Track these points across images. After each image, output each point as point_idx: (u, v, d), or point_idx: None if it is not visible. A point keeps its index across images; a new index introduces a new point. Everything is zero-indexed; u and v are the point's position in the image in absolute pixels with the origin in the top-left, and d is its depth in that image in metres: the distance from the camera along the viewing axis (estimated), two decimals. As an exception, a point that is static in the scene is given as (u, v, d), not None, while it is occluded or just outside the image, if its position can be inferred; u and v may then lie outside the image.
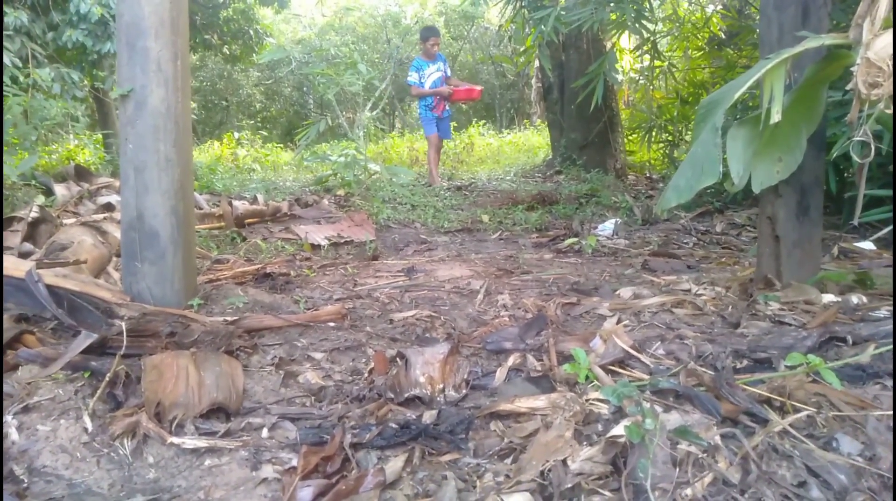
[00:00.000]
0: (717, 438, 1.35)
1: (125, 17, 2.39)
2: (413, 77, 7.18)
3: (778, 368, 1.69)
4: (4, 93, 5.23)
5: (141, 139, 2.41)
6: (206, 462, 1.44)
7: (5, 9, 5.92)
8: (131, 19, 2.37)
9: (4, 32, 5.82)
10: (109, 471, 1.39)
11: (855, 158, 2.02)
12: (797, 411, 1.47)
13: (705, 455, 1.29)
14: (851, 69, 1.96)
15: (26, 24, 6.00)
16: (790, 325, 2.14)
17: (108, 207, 4.30)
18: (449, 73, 7.41)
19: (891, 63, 1.86)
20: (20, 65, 5.77)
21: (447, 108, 7.33)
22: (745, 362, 1.82)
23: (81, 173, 5.25)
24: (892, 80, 1.81)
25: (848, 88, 1.95)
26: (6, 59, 5.47)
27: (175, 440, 1.47)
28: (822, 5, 2.49)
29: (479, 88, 7.48)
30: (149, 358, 1.77)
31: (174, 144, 2.45)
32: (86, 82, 7.06)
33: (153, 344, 1.97)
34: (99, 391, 1.61)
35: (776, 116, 2.11)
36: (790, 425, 1.39)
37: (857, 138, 1.96)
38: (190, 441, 1.48)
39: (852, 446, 1.32)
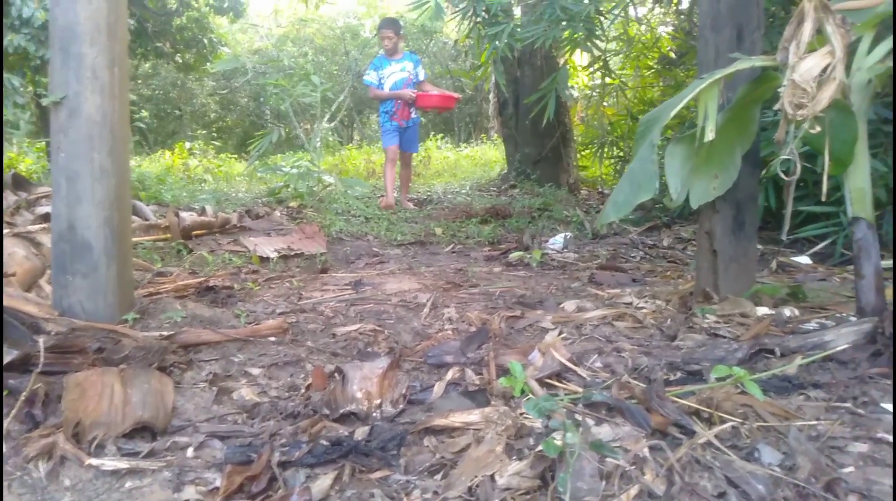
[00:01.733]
0: (646, 450, 1.37)
1: (59, 21, 2.32)
2: (370, 76, 6.30)
3: (708, 380, 1.73)
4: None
5: (74, 148, 2.34)
6: (126, 484, 1.38)
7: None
8: (65, 23, 2.30)
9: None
10: (21, 496, 1.33)
11: (782, 175, 2.10)
12: (724, 422, 1.50)
13: (633, 467, 1.30)
14: (779, 90, 2.03)
15: (-36, 28, 5.79)
16: (724, 337, 2.19)
17: (47, 217, 4.14)
18: (422, 76, 6.50)
19: (815, 85, 1.94)
20: (-43, 69, 5.55)
21: (414, 115, 6.42)
22: (679, 374, 1.86)
23: (19, 182, 5.04)
24: (815, 101, 1.88)
25: (775, 108, 2.03)
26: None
27: (94, 461, 1.41)
28: (756, 28, 2.59)
29: (455, 95, 6.66)
30: (72, 376, 1.70)
31: (109, 153, 2.38)
32: (29, 88, 6.84)
33: (79, 361, 1.89)
34: (14, 411, 1.54)
35: (710, 135, 2.17)
36: (715, 436, 1.42)
37: (784, 156, 2.03)
38: (110, 463, 1.42)
39: (773, 456, 1.35)
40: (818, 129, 1.95)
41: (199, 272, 3.53)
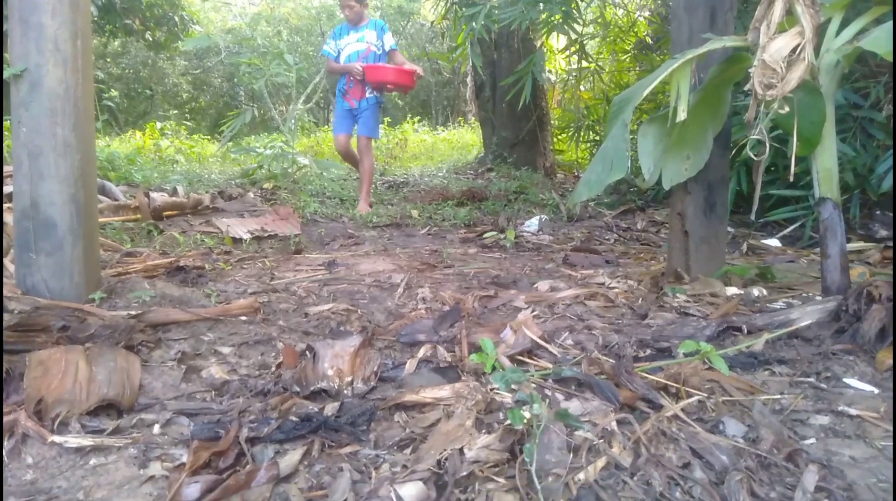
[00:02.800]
0: (614, 424, 1.39)
1: (18, -9, 2.23)
2: (327, 46, 5.41)
3: (676, 356, 1.75)
4: None
5: (36, 123, 2.27)
6: (91, 462, 1.36)
7: None
8: (25, -7, 2.22)
9: None
10: (-20, 473, 1.30)
11: (751, 155, 2.12)
12: (690, 396, 1.52)
13: (601, 440, 1.32)
14: (750, 70, 2.05)
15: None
16: (693, 316, 2.22)
17: (9, 197, 4.03)
18: (389, 45, 5.36)
19: (784, 66, 1.95)
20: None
21: (370, 94, 5.31)
22: (648, 351, 1.88)
23: (-19, 161, 4.90)
24: (784, 81, 1.90)
25: (746, 88, 2.04)
26: None
27: (57, 438, 1.38)
28: (729, 9, 2.60)
29: (414, 70, 5.18)
30: (35, 353, 1.66)
31: (73, 128, 2.31)
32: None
33: (43, 339, 1.85)
34: (-26, 389, 1.50)
35: (682, 115, 2.18)
36: (682, 410, 1.44)
37: (753, 137, 2.05)
38: (73, 440, 1.39)
39: (737, 428, 1.37)
40: (787, 109, 1.97)
41: (170, 253, 3.47)
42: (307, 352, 1.91)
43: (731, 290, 2.55)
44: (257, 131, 10.35)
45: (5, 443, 1.39)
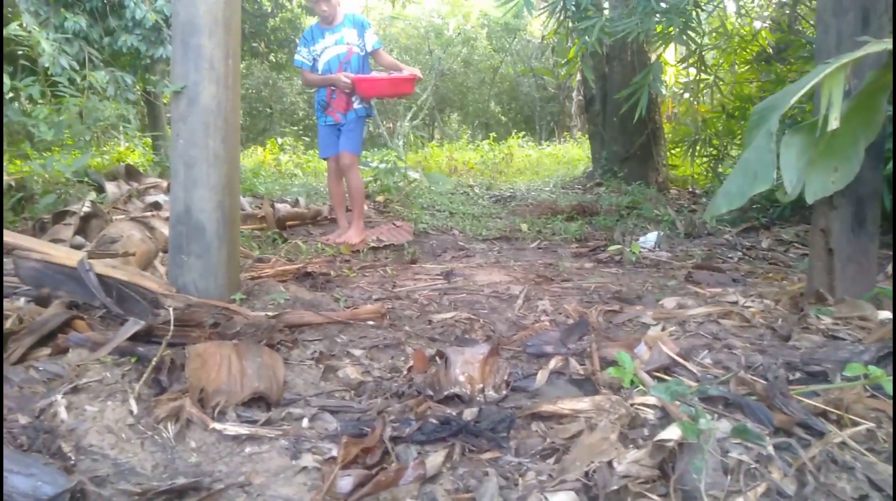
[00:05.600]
0: (770, 448, 1.30)
1: (181, 16, 2.45)
2: (299, 55, 4.39)
3: (833, 381, 1.62)
4: (63, 94, 5.43)
5: (191, 135, 2.47)
6: (246, 449, 1.44)
7: (65, 14, 6.17)
8: (187, 18, 2.43)
9: (64, 36, 6.05)
10: (153, 453, 1.41)
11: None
12: (855, 424, 1.40)
13: (758, 464, 1.24)
14: (917, 74, 1.88)
15: (84, 29, 6.24)
16: (844, 340, 2.06)
17: (156, 205, 4.41)
18: (372, 45, 4.38)
19: (960, 68, 1.78)
20: (77, 68, 5.98)
21: (358, 106, 4.35)
22: (798, 374, 1.75)
23: (131, 173, 5.40)
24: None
25: (913, 93, 1.88)
26: (65, 63, 5.67)
27: (217, 425, 1.48)
28: (884, 11, 2.41)
29: (412, 75, 4.30)
30: (193, 347, 1.79)
31: (223, 140, 2.50)
32: (138, 86, 7.30)
33: (197, 334, 2.00)
34: (145, 376, 1.64)
35: (834, 123, 2.04)
36: (849, 438, 1.33)
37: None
38: (231, 428, 1.48)
39: (916, 462, 1.25)
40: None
41: (295, 260, 3.65)
42: (437, 358, 1.94)
43: (884, 314, 2.34)
44: (366, 147, 10.74)
45: (171, 428, 1.50)
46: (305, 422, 1.54)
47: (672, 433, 1.20)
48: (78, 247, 3.05)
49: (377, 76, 4.39)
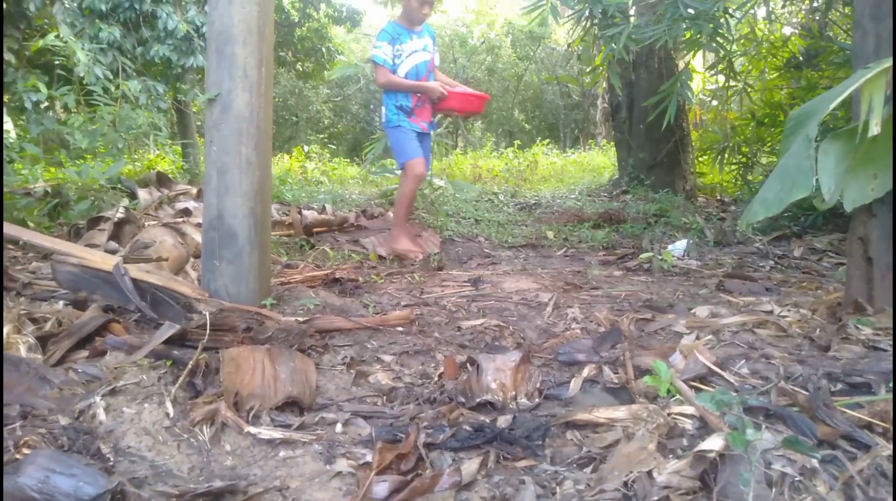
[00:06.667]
0: (814, 461, 1.27)
1: (216, 25, 2.49)
2: (381, 51, 3.96)
3: (878, 393, 1.58)
4: (97, 103, 5.55)
5: (224, 142, 2.50)
6: (280, 454, 1.44)
7: (100, 25, 6.32)
8: (221, 27, 2.47)
9: (99, 46, 6.19)
10: (189, 456, 1.42)
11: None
12: (903, 438, 1.36)
13: (802, 477, 1.21)
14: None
15: (118, 40, 6.39)
16: (886, 351, 2.00)
17: (186, 212, 4.47)
18: (438, 61, 4.36)
19: None
20: (111, 77, 6.12)
21: (434, 119, 4.35)
22: (840, 385, 1.71)
23: (162, 180, 5.49)
24: None
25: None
26: (99, 72, 5.80)
27: (252, 429, 1.49)
28: (925, 16, 2.36)
29: (486, 96, 4.42)
30: (227, 351, 1.80)
31: (255, 147, 2.53)
32: (169, 95, 7.44)
33: (230, 338, 2.01)
34: (181, 379, 1.66)
35: (875, 129, 1.99)
36: (897, 451, 1.29)
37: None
38: (266, 432, 1.49)
39: (970, 477, 1.20)
40: None
41: (323, 266, 3.67)
42: (468, 365, 1.93)
43: (926, 324, 2.27)
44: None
45: (206, 431, 1.51)
46: (339, 427, 1.54)
47: (714, 443, 1.18)
48: (112, 252, 3.10)
49: (469, 92, 4.27)
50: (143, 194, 4.81)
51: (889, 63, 2.02)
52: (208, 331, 1.91)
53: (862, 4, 2.50)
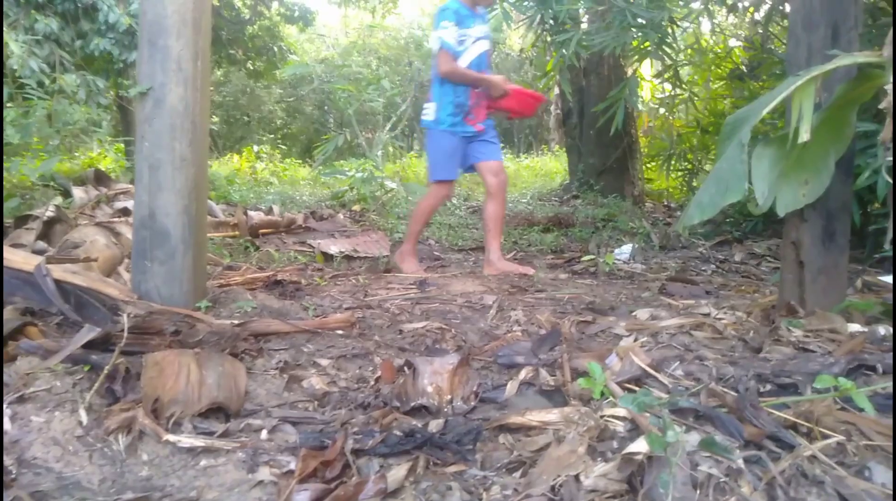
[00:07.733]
0: (740, 461, 1.27)
1: (148, 15, 2.39)
2: (448, 33, 3.38)
3: (804, 394, 1.61)
4: (31, 97, 5.31)
5: (157, 137, 2.40)
6: (201, 462, 1.38)
7: (36, 16, 6.05)
8: (154, 17, 2.38)
9: (34, 38, 5.93)
10: (101, 466, 1.34)
11: (886, 178, 1.95)
12: (825, 437, 1.38)
13: (727, 478, 1.21)
14: (886, 87, 1.90)
15: (56, 32, 6.12)
16: (815, 352, 2.05)
17: (125, 211, 4.30)
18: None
19: (927, 83, 1.80)
20: (48, 71, 5.86)
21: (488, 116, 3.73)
22: (769, 386, 1.73)
23: (101, 178, 5.27)
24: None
25: (881, 106, 1.89)
26: (34, 65, 5.56)
27: (171, 437, 1.42)
28: (853, 27, 2.44)
29: (542, 98, 4.03)
30: (151, 355, 1.72)
31: (190, 143, 2.43)
32: (111, 90, 7.17)
33: (157, 342, 1.93)
34: (96, 385, 1.57)
35: (805, 136, 2.05)
36: (819, 451, 1.31)
37: (889, 158, 1.89)
38: (186, 440, 1.42)
39: (885, 476, 1.23)
40: (930, 129, 1.81)
41: (266, 268, 3.58)
42: (405, 368, 1.89)
43: (854, 327, 2.34)
44: (345, 157, 10.68)
45: (122, 439, 1.43)
46: (264, 434, 1.48)
47: (640, 446, 1.17)
48: (40, 252, 2.95)
49: (528, 91, 3.85)
50: (78, 192, 4.61)
51: (818, 71, 2.08)
52: (126, 334, 1.81)
53: (795, 15, 2.57)
